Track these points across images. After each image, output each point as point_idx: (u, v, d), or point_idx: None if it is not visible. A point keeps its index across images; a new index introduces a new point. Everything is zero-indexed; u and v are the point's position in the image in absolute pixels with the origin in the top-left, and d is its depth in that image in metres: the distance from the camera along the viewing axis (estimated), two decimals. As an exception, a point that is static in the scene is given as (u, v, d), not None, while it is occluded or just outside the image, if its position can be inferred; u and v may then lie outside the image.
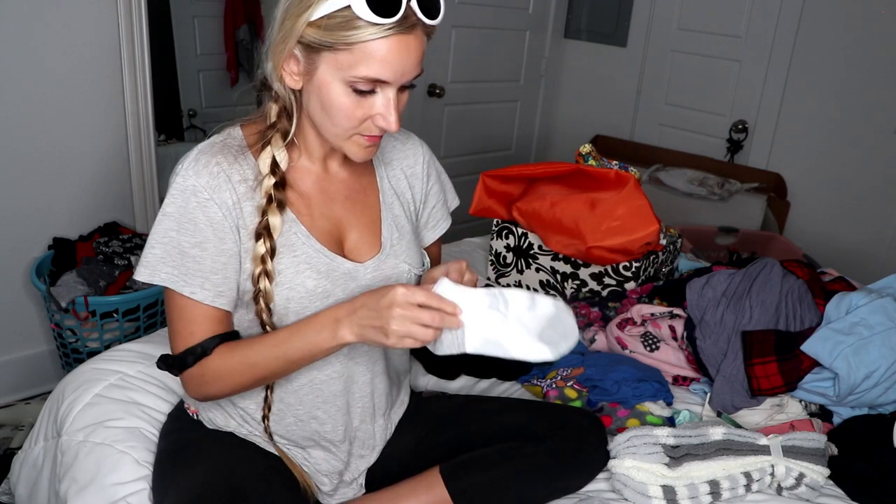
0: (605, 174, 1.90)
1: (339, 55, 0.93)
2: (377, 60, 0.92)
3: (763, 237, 2.76)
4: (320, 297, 1.06)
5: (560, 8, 3.51)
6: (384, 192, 1.18)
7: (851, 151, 2.82)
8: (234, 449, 1.13)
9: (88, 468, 1.19)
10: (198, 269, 1.00)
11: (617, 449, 1.26)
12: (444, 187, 1.29)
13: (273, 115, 1.04)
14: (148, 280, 1.00)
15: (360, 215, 1.14)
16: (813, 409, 1.53)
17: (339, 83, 0.95)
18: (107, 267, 2.12)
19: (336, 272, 1.08)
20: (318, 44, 0.93)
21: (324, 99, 0.97)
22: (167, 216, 1.00)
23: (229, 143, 1.04)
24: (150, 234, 1.01)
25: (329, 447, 1.17)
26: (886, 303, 1.56)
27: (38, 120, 2.09)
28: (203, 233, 1.00)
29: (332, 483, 1.19)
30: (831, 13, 2.77)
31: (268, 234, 1.01)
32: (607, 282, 1.94)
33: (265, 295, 1.03)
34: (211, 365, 1.02)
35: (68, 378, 1.39)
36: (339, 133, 1.00)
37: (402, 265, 1.15)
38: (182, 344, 1.02)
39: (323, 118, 1.00)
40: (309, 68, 0.96)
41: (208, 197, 0.99)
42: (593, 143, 3.33)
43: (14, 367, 2.23)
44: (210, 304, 1.01)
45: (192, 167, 1.00)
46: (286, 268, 1.04)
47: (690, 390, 1.63)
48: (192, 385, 1.05)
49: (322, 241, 1.08)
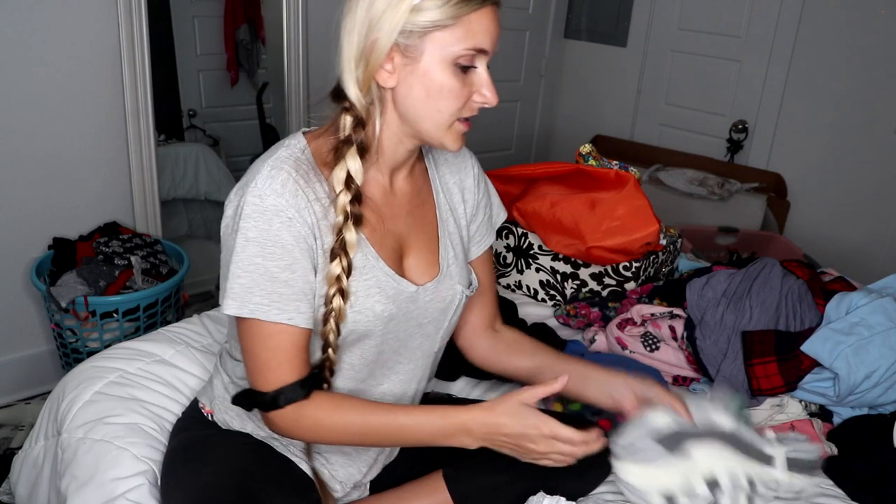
0: (605, 174, 1.90)
1: (446, 33, 0.93)
2: (482, 31, 0.95)
3: (763, 237, 2.77)
4: (384, 320, 1.04)
5: (560, 8, 3.52)
6: (440, 208, 1.15)
7: (851, 151, 2.82)
8: (247, 451, 1.10)
9: (88, 465, 1.19)
10: (292, 293, 0.95)
11: (617, 450, 1.25)
12: (491, 201, 1.26)
13: (348, 127, 0.99)
14: (236, 313, 0.95)
15: (420, 232, 1.11)
16: (813, 409, 1.53)
17: (445, 63, 0.95)
18: (107, 267, 2.12)
19: (401, 296, 1.06)
20: (428, 26, 0.92)
21: (430, 84, 0.96)
22: (250, 242, 0.93)
23: (300, 157, 0.99)
24: (232, 264, 0.94)
25: (352, 453, 1.16)
26: (886, 303, 1.56)
27: (39, 120, 2.09)
28: (291, 254, 0.95)
29: (344, 489, 1.18)
30: (831, 13, 2.77)
31: (344, 252, 0.97)
32: (607, 282, 1.94)
33: (338, 314, 0.99)
34: (310, 414, 0.98)
35: (68, 376, 1.39)
36: (443, 121, 0.98)
37: (457, 286, 1.13)
38: (271, 378, 0.97)
39: (427, 108, 0.97)
40: (411, 58, 0.94)
41: (292, 215, 0.94)
42: (593, 143, 3.32)
43: (14, 367, 2.23)
44: (304, 327, 0.97)
45: (269, 185, 0.94)
46: (357, 290, 1.01)
47: (690, 390, 1.63)
48: (282, 425, 1.00)
49: (388, 262, 1.05)
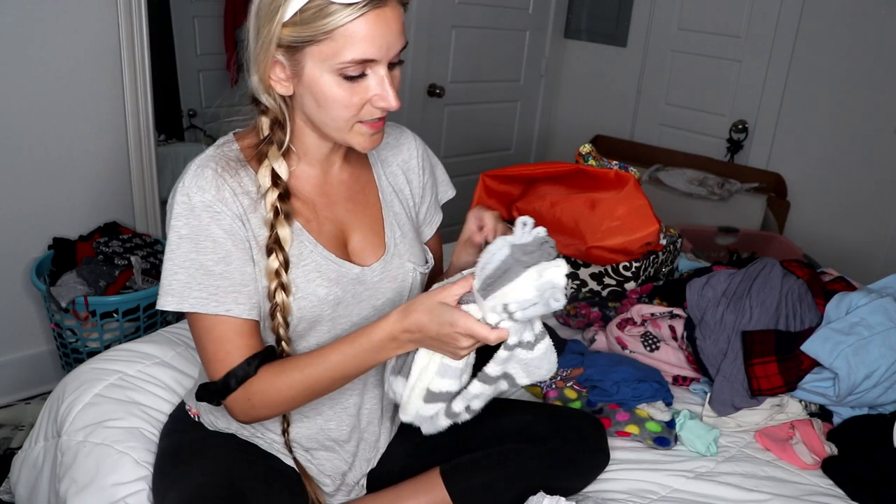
0: (605, 174, 1.90)
1: (321, 46, 0.92)
2: (360, 40, 0.91)
3: (763, 237, 2.76)
4: (331, 303, 1.06)
5: (560, 8, 3.51)
6: (383, 191, 1.17)
7: (851, 151, 2.82)
8: (234, 450, 1.12)
9: (88, 468, 1.19)
10: (228, 285, 0.97)
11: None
12: (437, 180, 1.28)
13: (266, 128, 1.02)
14: (175, 308, 0.96)
15: (362, 216, 1.13)
16: (813, 409, 1.53)
17: (329, 74, 0.94)
18: (107, 267, 2.12)
19: (345, 278, 1.07)
20: (298, 41, 0.92)
21: (317, 95, 0.96)
22: (183, 239, 0.96)
23: (227, 154, 1.02)
24: (167, 261, 0.97)
25: (333, 446, 1.17)
26: (886, 303, 1.56)
27: (39, 120, 2.08)
28: (224, 247, 0.97)
29: (334, 484, 1.19)
30: (831, 13, 2.77)
31: (279, 247, 0.99)
32: (607, 282, 1.94)
33: (283, 309, 1.00)
34: (257, 388, 0.99)
35: (68, 378, 1.39)
36: (341, 126, 0.99)
37: (407, 264, 1.14)
38: (220, 368, 0.99)
39: (321, 115, 0.98)
40: (295, 69, 0.95)
41: (220, 209, 0.97)
42: (593, 143, 3.33)
43: (14, 367, 2.23)
44: (247, 318, 0.99)
45: (196, 182, 0.97)
46: (297, 278, 1.02)
47: (690, 390, 1.63)
48: (239, 409, 1.01)
49: (328, 247, 1.07)
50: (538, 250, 0.86)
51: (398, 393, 1.01)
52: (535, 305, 0.86)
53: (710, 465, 1.38)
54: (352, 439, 1.18)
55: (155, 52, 2.32)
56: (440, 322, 0.90)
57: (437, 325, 0.91)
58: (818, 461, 1.41)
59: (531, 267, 0.85)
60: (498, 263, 0.86)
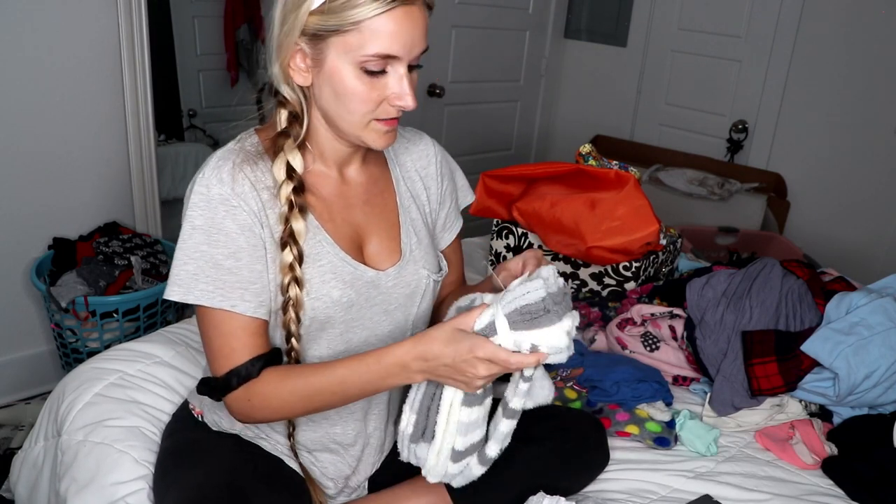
0: (605, 174, 1.90)
1: (346, 37, 0.92)
2: (385, 35, 0.92)
3: (763, 237, 2.76)
4: (344, 306, 1.05)
5: (560, 8, 3.51)
6: (401, 196, 1.16)
7: (851, 151, 2.82)
8: (237, 451, 1.12)
9: (88, 468, 1.19)
10: (235, 280, 0.97)
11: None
12: (456, 186, 1.27)
13: (283, 120, 1.02)
14: (181, 299, 0.96)
15: (379, 220, 1.12)
16: (813, 409, 1.53)
17: (351, 66, 0.94)
18: (107, 267, 2.12)
19: (360, 281, 1.06)
20: (324, 30, 0.93)
21: (336, 86, 0.96)
22: (196, 230, 0.96)
23: (248, 148, 1.02)
24: (178, 251, 0.97)
25: (338, 449, 1.16)
26: (886, 303, 1.56)
27: (38, 120, 2.09)
28: (236, 242, 0.97)
29: (336, 487, 1.19)
30: (831, 13, 2.77)
31: (293, 241, 0.99)
32: (607, 282, 1.94)
33: (295, 303, 1.00)
34: (259, 390, 0.98)
35: (68, 377, 1.39)
36: (357, 121, 0.99)
37: (422, 271, 1.14)
38: (224, 363, 0.98)
39: (338, 107, 0.98)
40: (317, 59, 0.95)
41: (236, 204, 0.96)
42: (593, 143, 3.33)
43: (14, 367, 2.23)
44: (252, 316, 0.98)
45: (216, 175, 0.97)
46: (312, 277, 1.02)
47: (690, 390, 1.63)
48: (238, 408, 1.01)
49: (345, 249, 1.06)
50: (563, 301, 0.91)
51: (422, 458, 1.01)
52: (561, 353, 0.90)
53: (710, 465, 1.38)
54: (357, 443, 1.17)
55: (155, 52, 2.32)
56: (457, 349, 0.89)
57: (453, 352, 0.90)
58: (818, 461, 1.41)
59: (565, 317, 0.89)
60: (534, 302, 0.89)
